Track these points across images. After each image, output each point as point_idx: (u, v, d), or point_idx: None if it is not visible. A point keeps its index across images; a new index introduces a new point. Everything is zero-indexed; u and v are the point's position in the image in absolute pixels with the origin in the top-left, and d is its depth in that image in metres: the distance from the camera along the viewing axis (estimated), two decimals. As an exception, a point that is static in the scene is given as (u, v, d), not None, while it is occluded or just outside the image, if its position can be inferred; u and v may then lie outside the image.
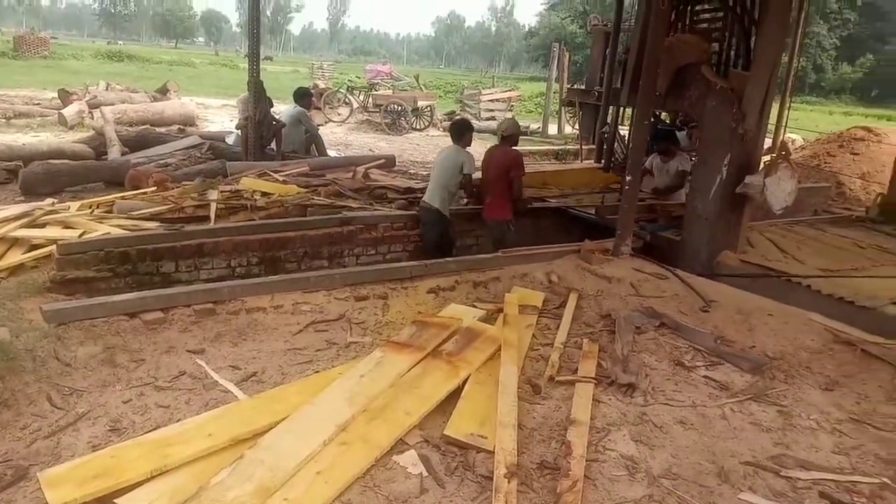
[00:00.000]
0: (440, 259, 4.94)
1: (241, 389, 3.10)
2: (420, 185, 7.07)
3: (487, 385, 3.15)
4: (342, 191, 6.97)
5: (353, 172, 7.93)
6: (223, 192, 6.36)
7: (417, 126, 19.08)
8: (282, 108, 10.08)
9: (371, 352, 3.43)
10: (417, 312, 4.06)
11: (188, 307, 3.81)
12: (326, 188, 6.96)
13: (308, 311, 3.94)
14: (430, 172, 6.26)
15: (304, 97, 9.34)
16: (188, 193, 6.29)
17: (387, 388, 3.05)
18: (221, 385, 3.12)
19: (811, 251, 6.06)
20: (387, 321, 3.92)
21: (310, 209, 6.26)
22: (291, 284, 4.16)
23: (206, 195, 6.23)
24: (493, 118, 21.60)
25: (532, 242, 6.01)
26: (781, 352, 3.76)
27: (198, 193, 6.28)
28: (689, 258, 5.75)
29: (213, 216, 5.84)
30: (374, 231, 6.11)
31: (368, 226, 6.09)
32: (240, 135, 8.84)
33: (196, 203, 6.03)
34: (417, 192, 6.97)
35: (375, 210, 6.48)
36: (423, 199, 6.13)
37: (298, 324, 3.79)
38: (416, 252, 6.20)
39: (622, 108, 7.47)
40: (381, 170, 8.85)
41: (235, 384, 3.14)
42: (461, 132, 6.21)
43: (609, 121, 7.47)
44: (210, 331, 3.66)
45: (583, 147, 11.00)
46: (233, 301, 3.93)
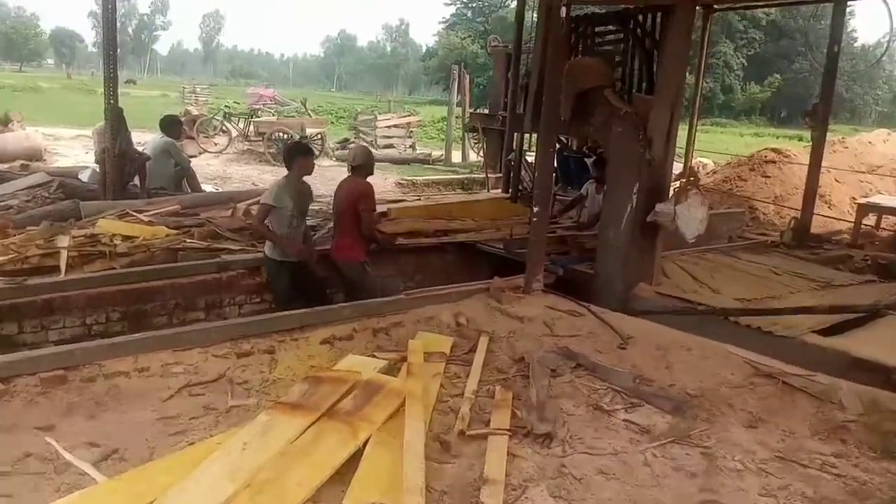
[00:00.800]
0: (334, 305, 4.89)
1: (100, 470, 2.92)
2: (311, 222, 7.01)
3: (391, 446, 3.12)
4: (220, 231, 6.82)
5: (233, 209, 7.77)
6: (76, 238, 6.07)
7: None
8: (147, 139, 9.76)
9: (256, 416, 3.33)
10: (310, 367, 3.99)
11: (33, 375, 3.58)
12: (201, 229, 6.80)
13: (181, 373, 3.78)
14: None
15: (173, 126, 9.10)
16: (33, 240, 5.96)
17: (275, 458, 2.96)
18: (76, 466, 2.93)
19: (726, 279, 6.44)
20: (274, 379, 3.82)
21: (181, 253, 6.10)
22: (160, 342, 3.99)
23: (55, 242, 5.93)
24: (392, 146, 21.85)
25: (438, 281, 6.06)
26: (702, 388, 3.94)
27: (44, 240, 5.97)
28: (604, 292, 5.99)
29: (64, 266, 5.56)
30: (259, 276, 6.01)
31: (251, 270, 5.99)
32: (97, 170, 8.47)
33: (43, 251, 5.73)
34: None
35: (259, 252, 6.38)
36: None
37: (169, 388, 3.62)
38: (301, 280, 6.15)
39: (528, 134, 7.76)
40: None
41: (93, 464, 2.95)
42: (287, 158, 5.95)
43: (515, 147, 7.73)
44: (61, 402, 3.44)
45: (489, 175, 11.29)
46: (88, 366, 3.72)
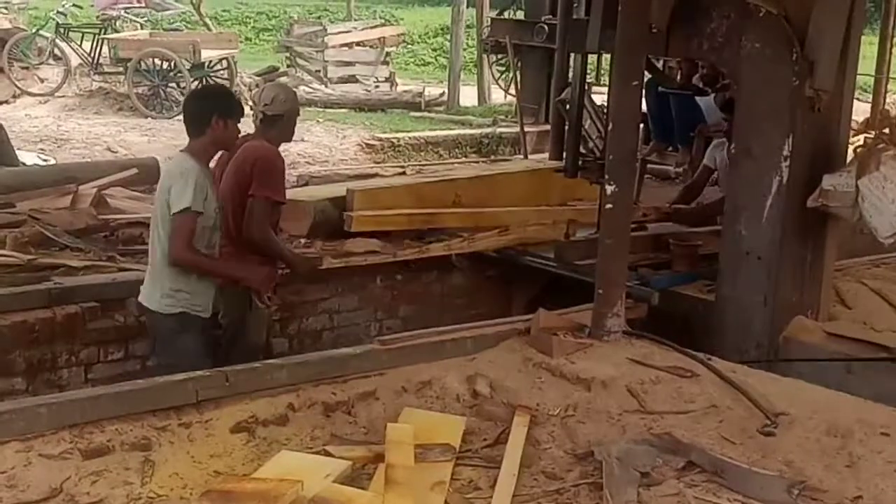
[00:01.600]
0: (255, 363, 4.89)
1: None
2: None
3: None
4: (51, 234, 6.87)
5: (74, 197, 7.79)
6: None
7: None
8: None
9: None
10: (212, 475, 4.00)
11: None
12: (18, 231, 6.84)
13: (-16, 487, 3.78)
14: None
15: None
16: None
17: None
18: None
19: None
20: (149, 497, 3.83)
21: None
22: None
23: None
24: (354, 79, 21.86)
25: (439, 319, 6.05)
26: (909, 504, 3.93)
27: None
28: (734, 333, 5.98)
29: None
30: (121, 313, 6.03)
31: (108, 303, 6.01)
32: None
33: None
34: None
35: (122, 271, 6.40)
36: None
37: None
38: (217, 351, 6.12)
39: (595, 56, 7.75)
40: (132, 189, 8.77)
41: None
42: (198, 115, 5.64)
43: (571, 80, 7.73)
44: None
45: (525, 130, 11.31)
46: None
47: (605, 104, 6.99)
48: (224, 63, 19.24)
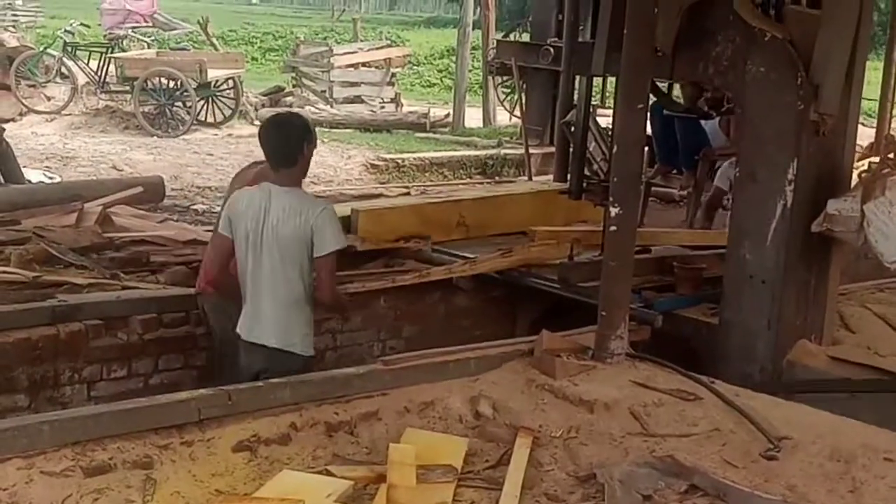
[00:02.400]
0: (257, 382, 4.89)
1: None
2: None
3: None
4: (56, 252, 6.87)
5: (79, 214, 7.80)
6: None
7: (208, 118, 19.00)
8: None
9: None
10: (213, 493, 3.99)
11: None
12: (23, 248, 6.84)
13: (-15, 505, 3.78)
14: (241, 243, 5.59)
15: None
16: None
17: None
18: None
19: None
20: (152, 515, 3.82)
21: (-13, 292, 6.13)
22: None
23: None
24: (359, 99, 21.93)
25: (442, 339, 6.04)
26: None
27: None
28: (737, 357, 5.98)
29: None
30: (124, 331, 6.03)
31: (111, 321, 6.01)
32: None
33: None
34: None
35: (126, 289, 6.41)
36: (243, 332, 5.65)
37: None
38: (209, 368, 6.15)
39: (601, 79, 7.77)
40: (137, 207, 8.78)
41: None
42: (289, 145, 5.56)
43: (577, 102, 7.74)
44: None
45: (530, 151, 11.34)
46: None
47: (610, 127, 7.00)
48: (230, 83, 19.31)
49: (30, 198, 8.39)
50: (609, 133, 7.19)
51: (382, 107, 21.86)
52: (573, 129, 7.62)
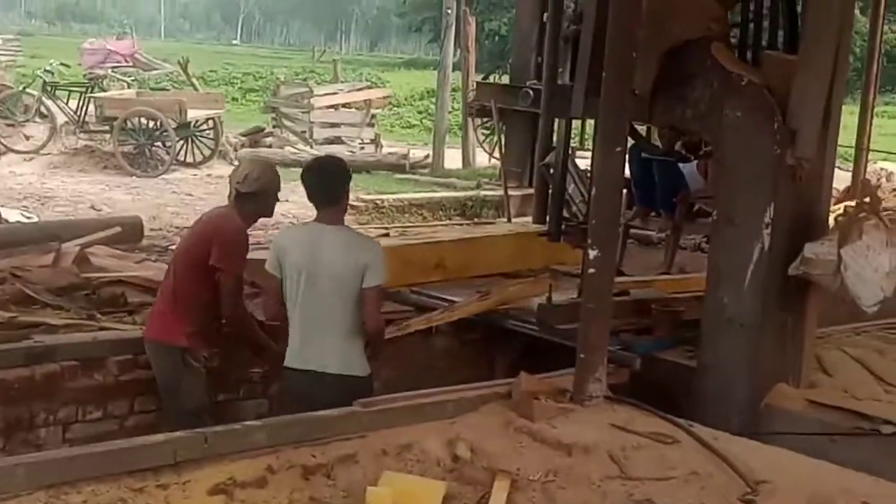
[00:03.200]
0: (234, 425, 4.87)
1: None
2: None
3: None
4: (32, 292, 6.87)
5: (57, 255, 7.79)
6: None
7: (188, 158, 19.02)
8: None
9: None
10: (189, 537, 3.95)
11: None
12: (0, 288, 6.83)
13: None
14: (292, 278, 5.83)
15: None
16: None
17: None
18: None
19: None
20: (125, 558, 3.79)
21: (-39, 332, 6.10)
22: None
23: None
24: (339, 140, 21.98)
25: (420, 382, 6.02)
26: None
27: None
28: (716, 400, 5.97)
29: None
30: (100, 372, 6.01)
31: (87, 362, 5.98)
32: None
33: None
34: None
35: (102, 330, 6.39)
36: (296, 363, 5.83)
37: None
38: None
39: (580, 121, 7.81)
40: (114, 247, 8.77)
41: None
42: (333, 186, 5.97)
43: (556, 145, 7.78)
44: None
45: (510, 193, 11.34)
46: None
47: (589, 169, 7.02)
48: (210, 123, 19.38)
49: (7, 238, 8.36)
50: (588, 175, 7.20)
51: (362, 147, 21.95)
52: (552, 171, 7.64)
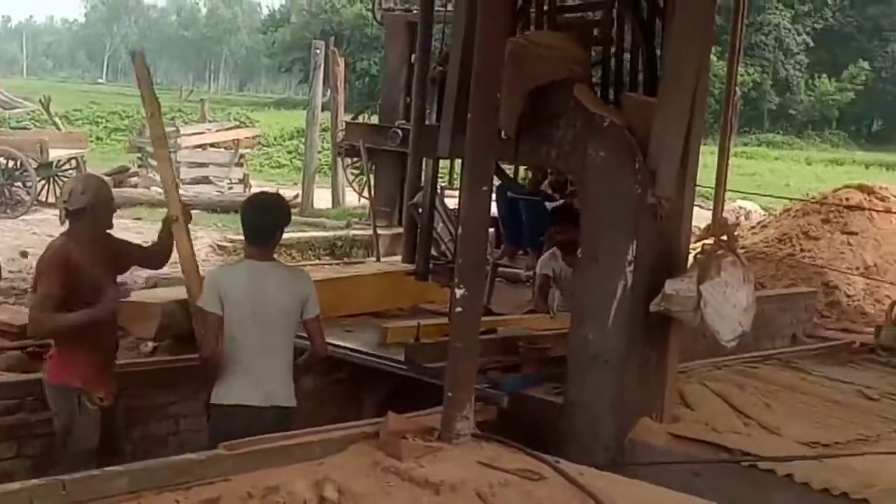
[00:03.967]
0: (95, 471, 4.77)
1: None
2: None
3: None
4: None
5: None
6: None
7: (49, 198, 18.62)
8: None
9: None
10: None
11: None
12: None
13: None
14: (236, 316, 5.87)
15: None
16: None
17: None
18: None
19: (788, 409, 6.61)
20: None
21: None
22: None
23: None
24: (206, 180, 21.78)
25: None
26: None
27: None
28: (581, 435, 6.03)
29: None
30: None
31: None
32: None
33: None
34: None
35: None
36: (245, 399, 5.88)
37: None
38: (46, 457, 6.00)
39: (447, 161, 7.88)
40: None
41: None
42: (268, 227, 6.01)
43: (424, 184, 7.83)
44: None
45: (378, 233, 11.39)
46: None
47: (457, 208, 7.08)
48: (73, 163, 19.09)
49: None
50: (456, 214, 7.28)
51: (230, 188, 21.81)
52: (420, 211, 7.70)
